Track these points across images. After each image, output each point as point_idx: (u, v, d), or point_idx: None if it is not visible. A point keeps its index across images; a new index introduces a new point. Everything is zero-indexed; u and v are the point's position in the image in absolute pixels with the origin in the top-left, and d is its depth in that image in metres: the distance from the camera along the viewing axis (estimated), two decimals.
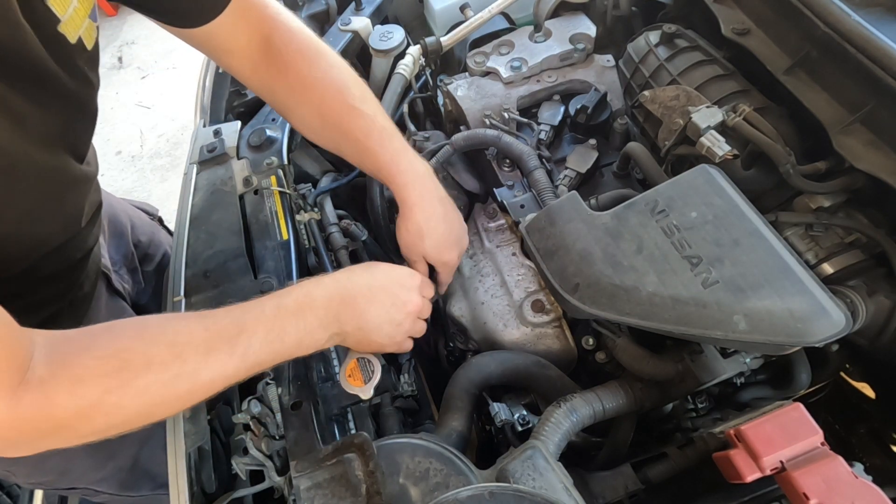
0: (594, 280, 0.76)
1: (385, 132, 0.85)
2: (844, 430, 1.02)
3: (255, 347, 0.65)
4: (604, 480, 0.75)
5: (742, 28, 0.91)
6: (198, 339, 0.62)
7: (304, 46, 0.84)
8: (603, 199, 0.93)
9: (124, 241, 1.16)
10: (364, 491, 0.64)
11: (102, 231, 1.05)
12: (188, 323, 0.64)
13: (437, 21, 1.42)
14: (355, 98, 0.84)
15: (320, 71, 0.84)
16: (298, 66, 0.83)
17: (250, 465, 0.81)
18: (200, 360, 0.61)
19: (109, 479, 1.08)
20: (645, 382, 0.80)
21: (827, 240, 0.78)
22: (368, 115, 0.84)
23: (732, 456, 0.65)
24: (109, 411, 0.57)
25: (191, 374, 0.61)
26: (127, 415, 0.59)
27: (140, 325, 0.63)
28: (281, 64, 0.83)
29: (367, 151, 0.85)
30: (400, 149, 0.86)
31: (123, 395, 0.57)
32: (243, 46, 0.82)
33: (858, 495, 0.59)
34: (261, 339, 0.65)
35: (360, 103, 0.84)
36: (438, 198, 0.88)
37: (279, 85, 0.85)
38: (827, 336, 0.64)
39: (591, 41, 1.17)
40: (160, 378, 0.59)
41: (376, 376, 0.80)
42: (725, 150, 0.80)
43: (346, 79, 0.85)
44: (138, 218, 1.24)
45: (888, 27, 0.73)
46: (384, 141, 0.84)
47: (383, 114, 0.87)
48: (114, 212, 1.14)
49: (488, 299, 0.98)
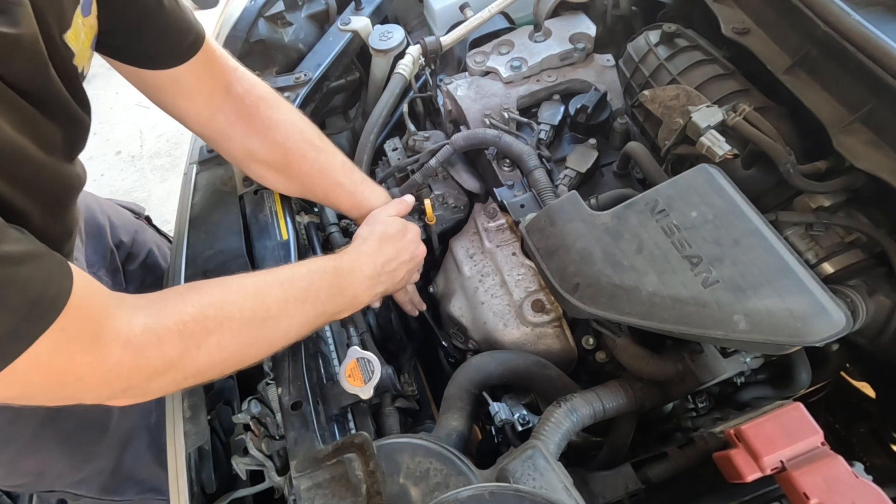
0: (594, 280, 0.76)
1: (345, 166, 0.96)
2: (844, 429, 1.02)
3: (322, 298, 0.77)
4: (604, 480, 0.75)
5: (742, 27, 0.90)
6: (276, 290, 0.73)
7: (265, 93, 0.91)
8: (603, 198, 0.93)
9: (103, 242, 1.16)
10: (364, 491, 0.64)
11: (79, 232, 1.05)
12: (264, 278, 0.74)
13: (437, 21, 1.42)
14: (314, 137, 0.94)
15: (282, 114, 0.92)
16: (261, 110, 0.90)
17: (250, 465, 0.81)
18: (281, 308, 0.72)
19: (89, 481, 1.07)
20: (645, 382, 0.80)
21: (827, 239, 0.78)
22: (327, 151, 0.94)
23: (732, 456, 0.65)
24: (211, 350, 0.65)
25: (275, 319, 0.71)
26: (225, 355, 0.67)
27: (222, 282, 0.72)
28: (243, 109, 0.89)
29: (330, 186, 0.95)
30: (360, 180, 0.97)
31: (222, 336, 0.66)
32: (205, 93, 0.86)
33: (858, 495, 0.59)
34: (325, 291, 0.78)
35: (318, 141, 0.94)
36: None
37: (239, 130, 0.90)
38: (827, 336, 0.64)
39: (591, 41, 1.17)
40: (251, 322, 0.69)
41: (376, 376, 0.80)
42: (725, 150, 0.80)
43: (303, 121, 0.94)
44: (119, 217, 1.24)
45: (888, 27, 0.73)
46: (345, 174, 0.95)
47: (340, 152, 0.97)
48: (91, 212, 1.14)
49: (488, 299, 0.98)
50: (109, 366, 0.57)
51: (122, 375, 0.59)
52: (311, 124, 0.95)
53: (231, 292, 0.70)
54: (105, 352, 0.57)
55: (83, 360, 0.56)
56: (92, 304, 0.57)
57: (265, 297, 0.71)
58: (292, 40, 1.29)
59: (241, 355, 0.70)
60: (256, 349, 0.72)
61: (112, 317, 0.58)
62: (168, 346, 0.61)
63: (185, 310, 0.64)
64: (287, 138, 0.91)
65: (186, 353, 0.63)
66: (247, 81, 0.90)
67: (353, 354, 0.82)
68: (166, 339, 0.61)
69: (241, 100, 0.88)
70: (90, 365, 0.56)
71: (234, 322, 0.67)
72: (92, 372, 0.57)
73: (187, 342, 0.63)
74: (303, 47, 1.30)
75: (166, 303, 0.65)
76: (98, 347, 0.56)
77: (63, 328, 0.52)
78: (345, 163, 0.96)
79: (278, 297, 0.72)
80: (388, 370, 0.85)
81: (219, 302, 0.67)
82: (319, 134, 0.95)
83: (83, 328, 0.55)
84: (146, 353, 0.60)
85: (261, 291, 0.72)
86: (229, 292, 0.70)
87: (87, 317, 0.56)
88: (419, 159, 1.11)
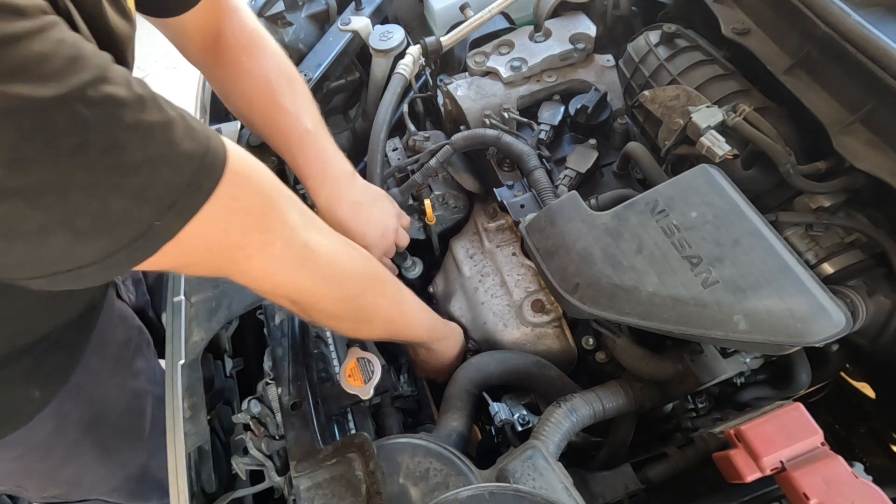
0: (594, 280, 0.76)
1: (307, 135, 0.89)
2: (844, 430, 1.02)
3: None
4: (604, 480, 0.75)
5: (742, 28, 0.90)
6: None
7: (251, 42, 0.88)
8: (603, 199, 0.93)
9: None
10: (364, 491, 0.64)
11: None
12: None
13: (437, 21, 1.42)
14: (285, 97, 0.88)
15: (259, 67, 0.87)
16: (239, 58, 0.87)
17: (250, 465, 0.81)
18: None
19: (120, 489, 1.08)
20: (645, 382, 0.80)
21: (827, 240, 0.78)
22: (293, 114, 0.88)
23: (732, 456, 0.65)
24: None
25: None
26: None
27: (379, 278, 0.79)
28: (223, 53, 0.87)
29: (287, 150, 0.90)
30: (318, 152, 0.90)
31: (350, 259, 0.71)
32: (200, 39, 0.86)
33: (858, 495, 0.59)
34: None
35: (288, 103, 0.88)
36: (350, 201, 0.91)
37: (217, 72, 0.90)
38: (827, 336, 0.64)
39: (591, 41, 1.17)
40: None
41: (376, 376, 0.80)
42: (725, 150, 0.80)
43: (282, 79, 0.88)
44: None
45: (888, 27, 0.73)
46: (303, 143, 0.88)
47: (312, 117, 0.90)
48: None
49: (488, 299, 0.98)
50: (275, 254, 0.59)
51: (278, 270, 0.61)
52: (290, 81, 0.90)
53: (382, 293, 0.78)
54: (273, 237, 0.57)
55: (256, 238, 0.56)
56: (261, 176, 0.57)
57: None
58: (292, 40, 1.29)
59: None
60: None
61: (283, 211, 0.59)
62: (317, 277, 0.65)
63: (352, 267, 0.71)
64: (254, 93, 0.88)
65: (327, 294, 0.68)
66: (239, 26, 0.87)
67: (353, 355, 0.82)
68: (320, 272, 0.65)
69: (227, 45, 0.87)
70: (260, 245, 0.57)
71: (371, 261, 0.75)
72: (260, 253, 0.57)
73: (334, 288, 0.69)
74: (303, 47, 1.30)
75: (338, 244, 0.70)
76: (268, 231, 0.57)
77: (234, 196, 0.50)
78: (307, 131, 0.89)
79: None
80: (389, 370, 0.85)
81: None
82: (294, 95, 0.89)
83: (253, 202, 0.55)
84: (295, 276, 0.63)
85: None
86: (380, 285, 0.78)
87: (259, 192, 0.56)
88: (419, 159, 1.11)
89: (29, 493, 1.00)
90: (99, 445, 0.96)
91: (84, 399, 0.91)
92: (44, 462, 0.91)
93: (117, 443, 1.00)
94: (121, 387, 0.99)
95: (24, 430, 0.83)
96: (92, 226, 0.42)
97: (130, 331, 1.04)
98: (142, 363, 1.04)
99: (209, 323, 0.91)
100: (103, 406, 0.95)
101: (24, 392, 0.81)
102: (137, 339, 1.05)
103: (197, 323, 0.91)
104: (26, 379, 0.80)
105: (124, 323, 1.03)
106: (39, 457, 0.89)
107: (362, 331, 0.81)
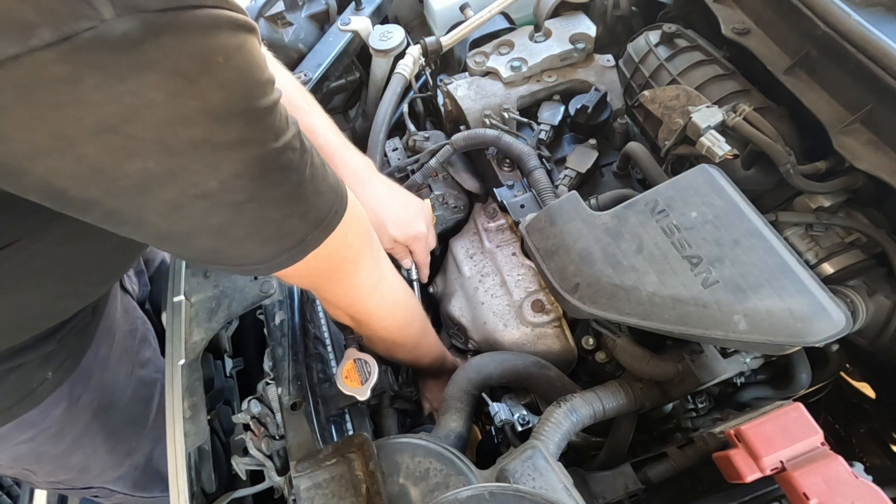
0: (594, 280, 0.76)
1: (318, 128, 0.92)
2: (844, 430, 1.02)
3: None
4: (604, 480, 0.75)
5: (742, 28, 0.90)
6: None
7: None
8: (603, 199, 0.93)
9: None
10: (364, 491, 0.64)
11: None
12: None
13: (437, 21, 1.42)
14: (300, 98, 0.91)
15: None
16: None
17: (250, 465, 0.81)
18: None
19: (125, 477, 1.09)
20: (645, 382, 0.80)
21: (827, 240, 0.78)
22: (306, 110, 0.91)
23: (732, 456, 0.65)
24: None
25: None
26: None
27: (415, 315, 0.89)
28: None
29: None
30: (339, 145, 0.93)
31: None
32: None
33: (858, 495, 0.59)
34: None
35: (305, 104, 0.91)
36: (382, 182, 0.97)
37: None
38: (827, 336, 0.64)
39: (591, 41, 1.17)
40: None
41: (373, 377, 0.79)
42: (725, 150, 0.80)
43: (294, 86, 0.92)
44: None
45: (888, 27, 0.73)
46: (319, 137, 0.91)
47: (319, 111, 0.93)
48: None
49: (488, 299, 0.98)
50: (358, 280, 0.70)
51: (357, 293, 0.73)
52: (301, 89, 0.93)
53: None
54: (360, 266, 0.69)
55: (349, 266, 0.67)
56: (364, 222, 0.68)
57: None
58: (292, 40, 1.29)
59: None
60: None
61: (372, 247, 0.71)
62: (381, 303, 0.77)
63: (406, 301, 0.84)
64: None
65: (383, 318, 0.81)
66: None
67: (350, 356, 0.82)
68: (378, 312, 0.78)
69: None
70: (351, 272, 0.68)
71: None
72: (348, 279, 0.69)
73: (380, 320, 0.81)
74: (303, 47, 1.30)
75: (399, 279, 0.81)
76: (358, 262, 0.68)
77: (349, 225, 0.61)
78: (319, 125, 0.92)
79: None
80: (386, 371, 0.85)
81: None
82: (300, 91, 0.93)
83: (358, 235, 0.65)
84: (365, 301, 0.75)
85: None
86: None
87: (362, 227, 0.67)
88: (419, 159, 1.11)
89: (37, 478, 1.01)
90: (107, 430, 0.98)
91: (94, 384, 0.93)
92: (54, 445, 0.93)
93: (124, 430, 1.02)
94: (128, 374, 1.01)
95: (37, 412, 0.85)
96: (272, 234, 0.54)
97: (135, 321, 1.07)
98: (149, 353, 1.07)
99: (209, 323, 0.91)
100: (112, 392, 0.98)
101: (40, 373, 0.83)
102: (142, 329, 1.08)
103: (197, 323, 0.91)
104: (43, 361, 0.82)
105: (128, 313, 1.05)
106: (50, 439, 0.91)
107: (396, 351, 0.89)
